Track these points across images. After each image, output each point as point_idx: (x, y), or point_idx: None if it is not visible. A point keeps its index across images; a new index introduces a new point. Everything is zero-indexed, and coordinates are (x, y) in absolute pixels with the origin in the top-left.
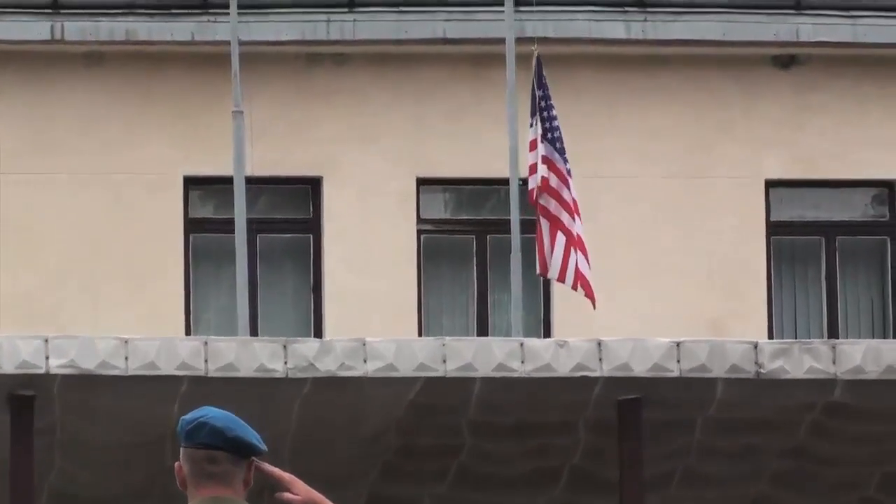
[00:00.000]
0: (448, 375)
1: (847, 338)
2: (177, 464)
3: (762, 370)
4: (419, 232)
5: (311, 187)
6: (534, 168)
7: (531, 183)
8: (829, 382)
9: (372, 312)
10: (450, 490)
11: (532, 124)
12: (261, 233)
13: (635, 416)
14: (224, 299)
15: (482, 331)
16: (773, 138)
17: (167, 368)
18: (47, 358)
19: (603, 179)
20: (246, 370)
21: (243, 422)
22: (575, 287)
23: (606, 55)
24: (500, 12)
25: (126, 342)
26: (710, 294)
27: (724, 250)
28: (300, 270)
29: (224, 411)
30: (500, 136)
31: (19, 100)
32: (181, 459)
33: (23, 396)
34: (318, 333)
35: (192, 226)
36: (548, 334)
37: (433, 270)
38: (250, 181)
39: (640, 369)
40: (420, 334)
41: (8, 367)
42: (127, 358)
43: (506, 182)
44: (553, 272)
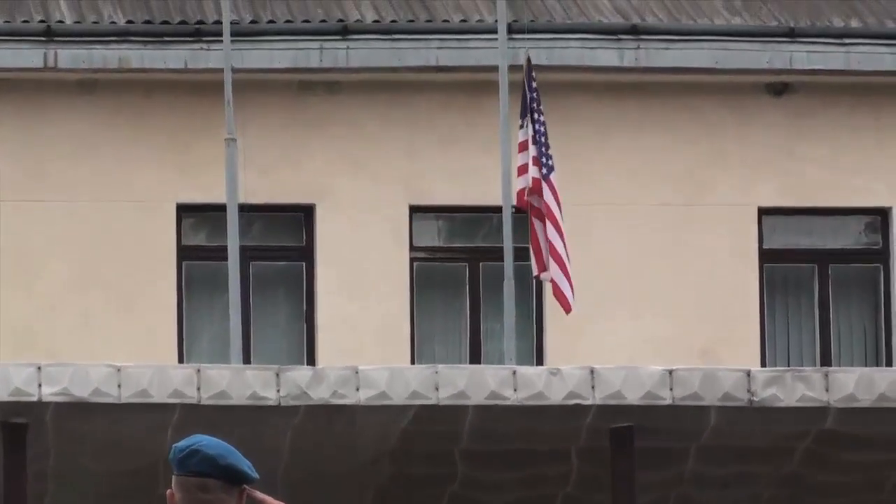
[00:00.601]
0: (441, 403)
1: (840, 366)
2: (169, 491)
3: (755, 398)
4: (412, 259)
5: (303, 215)
6: (524, 169)
7: (521, 183)
8: (822, 410)
9: (365, 340)
10: None
11: (522, 125)
12: (254, 260)
13: (628, 444)
14: (217, 327)
15: (475, 359)
16: (766, 166)
17: (160, 396)
18: (40, 385)
19: (595, 206)
20: (238, 398)
21: (235, 449)
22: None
23: (599, 83)
24: (494, 40)
25: (119, 370)
26: (702, 322)
27: (717, 278)
28: (293, 298)
29: (216, 439)
30: (493, 163)
31: (12, 127)
32: (173, 487)
33: (15, 424)
34: (311, 361)
35: (185, 253)
36: (540, 362)
37: (426, 298)
38: (243, 209)
39: (633, 397)
40: (413, 362)
41: (1, 394)
42: (120, 386)
43: (499, 210)
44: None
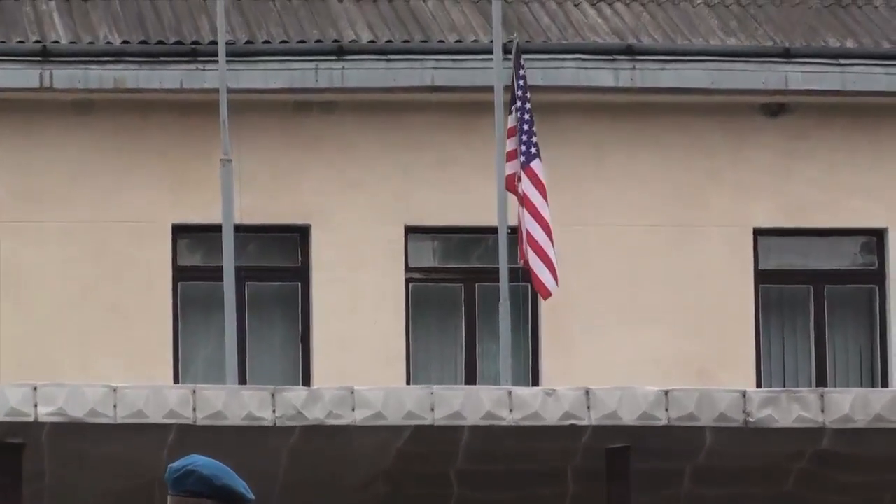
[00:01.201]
0: (436, 424)
1: (835, 386)
2: None
3: (750, 419)
4: (407, 280)
5: (299, 235)
6: (513, 154)
7: (509, 169)
8: (818, 431)
9: (360, 361)
10: None
11: (511, 111)
12: (249, 281)
13: (624, 465)
14: (212, 347)
15: (470, 379)
16: (761, 186)
17: (155, 417)
18: (36, 406)
19: (591, 227)
20: (234, 418)
21: (231, 470)
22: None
23: (595, 103)
24: (489, 60)
25: (114, 390)
26: (698, 342)
27: (713, 298)
28: (288, 318)
29: (212, 459)
30: (489, 184)
31: (8, 147)
32: None
33: (11, 444)
34: (307, 382)
35: (181, 274)
36: (536, 383)
37: (421, 319)
38: (239, 229)
39: (629, 418)
40: (408, 383)
41: None
42: (115, 406)
43: (494, 230)
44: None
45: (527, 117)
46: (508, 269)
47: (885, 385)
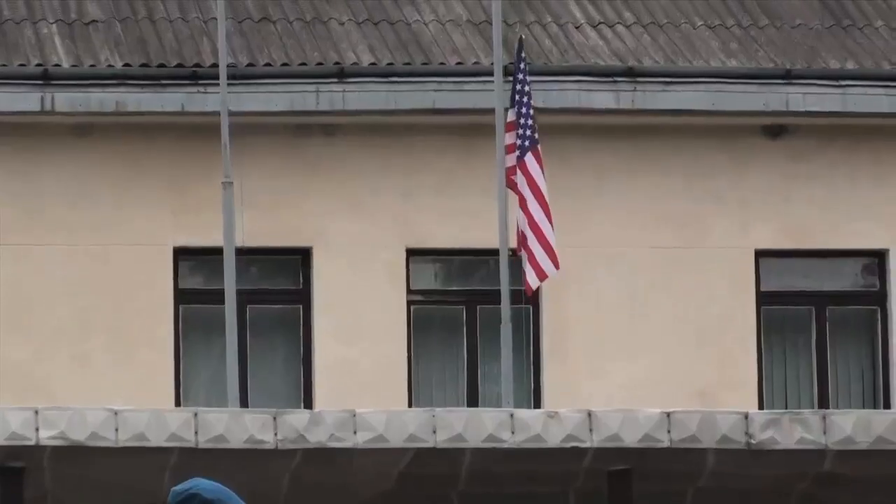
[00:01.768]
0: (438, 446)
1: (837, 408)
2: None
3: (753, 440)
4: (409, 303)
5: (301, 258)
6: (512, 148)
7: (508, 162)
8: (820, 453)
9: (362, 383)
10: None
11: (512, 105)
12: (251, 304)
13: (626, 487)
14: (214, 370)
15: (472, 401)
16: (763, 208)
17: (157, 440)
18: (37, 429)
19: (592, 249)
20: (236, 441)
21: (233, 493)
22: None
23: (596, 125)
24: (490, 83)
25: (116, 414)
26: (700, 364)
27: (715, 320)
28: (290, 341)
29: (214, 483)
30: (490, 206)
31: (9, 170)
32: None
33: (13, 468)
34: (308, 405)
35: (182, 297)
36: (538, 405)
37: (423, 341)
38: (240, 252)
39: (631, 440)
40: (410, 405)
41: None
42: (117, 429)
43: (495, 252)
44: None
45: (524, 110)
46: (510, 291)
47: (887, 407)
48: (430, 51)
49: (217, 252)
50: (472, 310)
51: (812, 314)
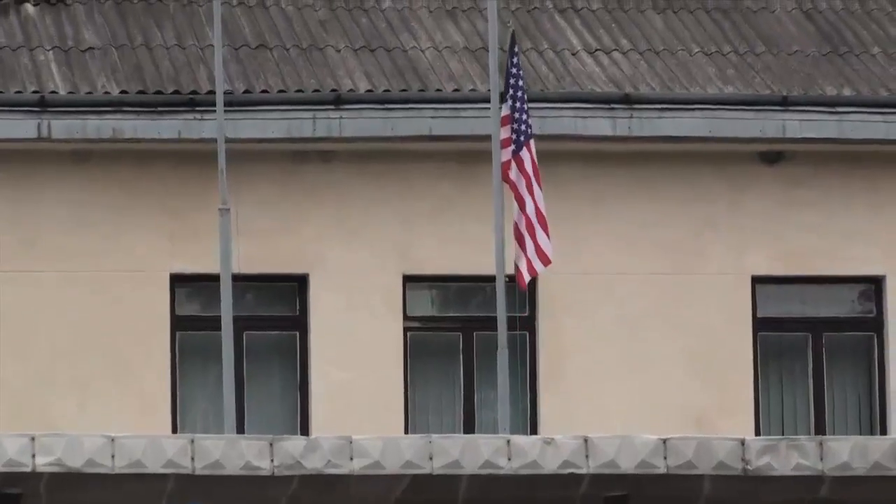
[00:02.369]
0: (435, 473)
1: (834, 434)
2: None
3: (749, 467)
4: (406, 329)
5: (297, 284)
6: (507, 142)
7: (504, 156)
8: (817, 479)
9: (359, 410)
10: None
11: (506, 99)
12: (247, 330)
13: None
14: (211, 397)
15: (469, 428)
16: (759, 234)
17: (154, 467)
18: (34, 456)
19: (589, 275)
20: (232, 468)
21: None
22: (530, 268)
23: (593, 152)
24: (486, 109)
25: (113, 440)
26: (696, 390)
27: (711, 346)
28: (287, 368)
29: None
30: (487, 232)
31: (6, 197)
32: None
33: (9, 495)
34: (305, 431)
35: (179, 323)
36: (534, 431)
37: (420, 367)
38: (237, 278)
39: (627, 466)
40: (407, 432)
41: None
42: (113, 456)
43: (492, 279)
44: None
45: (518, 105)
46: (507, 317)
47: (883, 433)
48: (426, 78)
49: (214, 279)
50: (468, 336)
51: (808, 340)
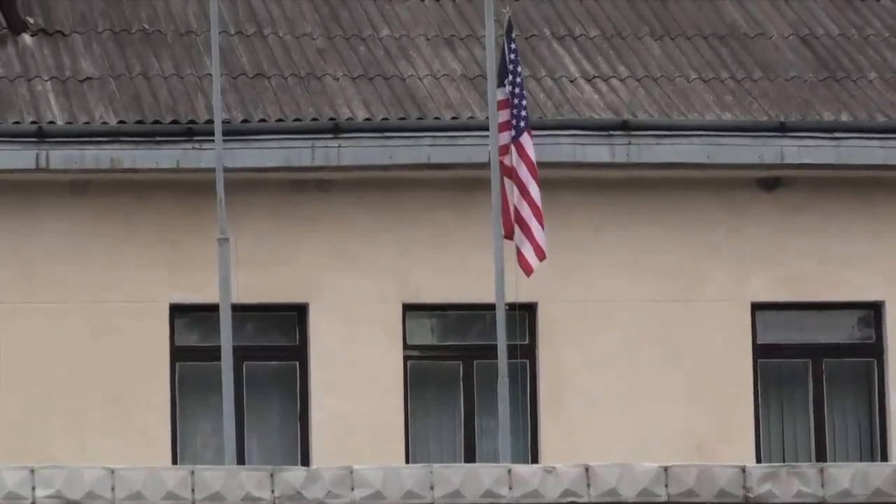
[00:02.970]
0: (436, 502)
1: (835, 461)
2: None
3: (750, 494)
4: (406, 358)
5: (297, 314)
6: (505, 126)
7: (502, 140)
8: None
9: (359, 439)
10: None
11: (504, 84)
12: (247, 360)
13: None
14: (211, 427)
15: (470, 457)
16: (758, 260)
17: (154, 498)
18: (33, 488)
19: (589, 302)
20: (233, 499)
21: None
22: (520, 251)
23: (591, 179)
24: (485, 137)
25: (112, 472)
26: (697, 417)
27: (711, 373)
28: (287, 398)
29: None
30: (486, 260)
31: (4, 228)
32: None
33: None
34: (306, 461)
35: (179, 354)
36: (535, 460)
37: (420, 396)
38: (236, 308)
39: (629, 494)
40: (407, 461)
41: None
42: (113, 488)
43: (492, 307)
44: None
45: (517, 90)
46: (507, 345)
47: (884, 459)
48: (424, 106)
49: (213, 309)
50: (468, 365)
51: (809, 367)
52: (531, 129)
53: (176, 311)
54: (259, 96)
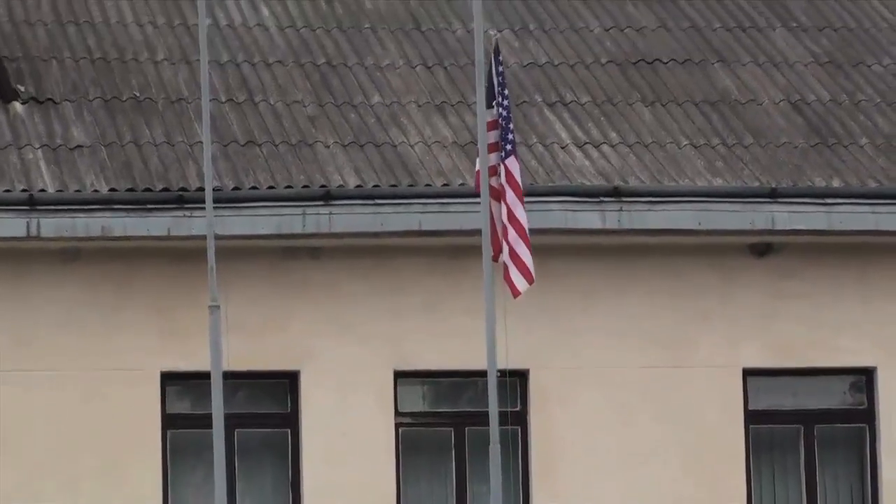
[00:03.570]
0: None
1: None
2: None
3: None
4: (397, 425)
5: (288, 381)
6: (493, 147)
7: (491, 161)
8: None
9: None
10: None
11: (493, 106)
12: (239, 428)
13: None
14: (202, 495)
15: None
16: (750, 327)
17: None
18: None
19: (581, 368)
20: None
21: None
22: (507, 276)
23: (583, 245)
24: (476, 203)
25: None
26: (689, 483)
27: (703, 439)
28: (278, 465)
29: None
30: (478, 327)
31: None
32: None
33: None
34: None
35: (170, 422)
36: None
37: (412, 463)
38: (227, 376)
39: None
40: None
41: None
42: None
43: (483, 374)
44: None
45: (504, 113)
46: (499, 412)
47: None
48: (416, 173)
49: (204, 376)
50: (460, 431)
51: (800, 433)
52: (517, 154)
53: (167, 378)
54: (250, 164)
